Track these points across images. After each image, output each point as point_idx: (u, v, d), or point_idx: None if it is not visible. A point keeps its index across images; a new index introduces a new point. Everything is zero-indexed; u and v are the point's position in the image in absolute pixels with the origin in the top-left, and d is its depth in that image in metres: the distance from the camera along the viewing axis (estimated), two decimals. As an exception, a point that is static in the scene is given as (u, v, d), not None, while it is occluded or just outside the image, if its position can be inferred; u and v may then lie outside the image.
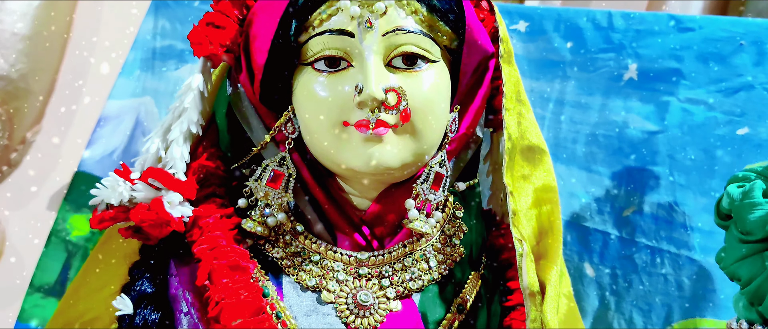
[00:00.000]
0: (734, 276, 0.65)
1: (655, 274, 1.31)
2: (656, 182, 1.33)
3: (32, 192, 1.94)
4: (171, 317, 0.85)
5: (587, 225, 1.36)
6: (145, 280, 0.86)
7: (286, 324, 0.86)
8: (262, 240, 0.90)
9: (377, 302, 0.89)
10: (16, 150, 2.19)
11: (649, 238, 1.32)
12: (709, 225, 1.29)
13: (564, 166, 1.37)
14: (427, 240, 0.93)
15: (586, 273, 1.36)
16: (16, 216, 1.92)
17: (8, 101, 1.89)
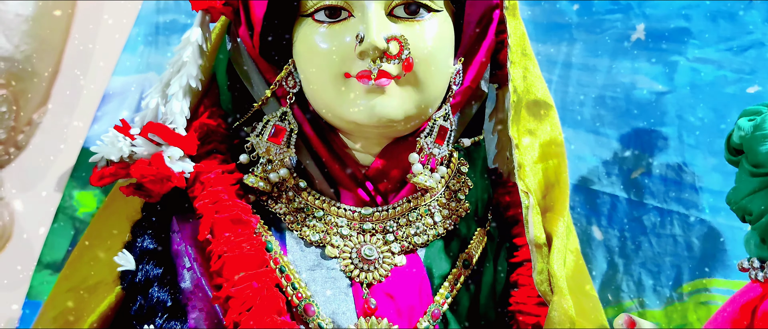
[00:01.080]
0: (745, 211, 0.63)
1: (663, 235, 1.29)
2: (665, 143, 1.31)
3: (40, 174, 1.93)
4: (173, 272, 0.84)
5: (595, 189, 1.35)
6: (146, 236, 0.85)
7: (290, 278, 0.85)
8: (265, 196, 0.89)
9: (382, 256, 0.88)
10: (22, 132, 2.18)
11: (657, 200, 1.31)
12: (719, 185, 1.28)
13: (572, 130, 1.35)
14: (432, 196, 0.91)
15: (594, 236, 1.34)
16: (24, 197, 1.92)
17: (13, 83, 1.88)
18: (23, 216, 1.92)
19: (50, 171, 1.97)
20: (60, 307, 1.07)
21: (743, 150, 0.63)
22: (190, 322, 0.81)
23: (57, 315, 1.07)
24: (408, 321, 0.87)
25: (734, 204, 0.64)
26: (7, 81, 1.88)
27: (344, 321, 0.85)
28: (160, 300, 0.81)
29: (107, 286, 1.01)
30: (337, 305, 0.85)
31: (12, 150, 2.25)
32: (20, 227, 1.90)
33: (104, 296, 1.00)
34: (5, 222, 2.24)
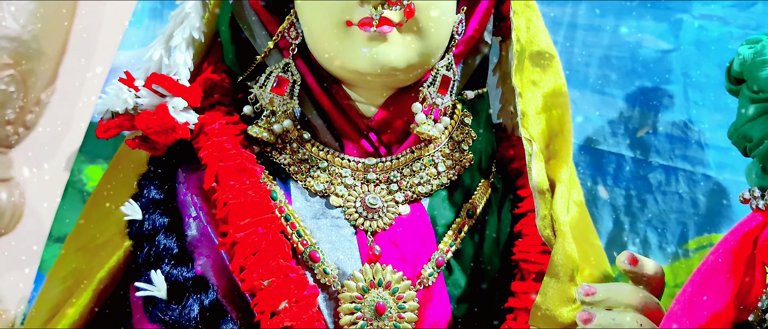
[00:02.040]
0: (746, 138, 0.63)
1: (669, 193, 1.29)
2: (670, 101, 1.31)
3: (50, 153, 1.94)
4: (180, 222, 0.85)
5: (601, 148, 1.35)
6: (152, 187, 0.86)
7: (295, 226, 0.86)
8: (269, 148, 0.90)
9: (386, 205, 0.88)
10: (31, 111, 2.19)
11: (663, 157, 1.31)
12: (725, 141, 1.27)
13: (577, 91, 1.35)
14: (436, 146, 0.92)
15: (600, 196, 1.35)
16: (34, 177, 1.93)
17: (21, 62, 1.89)
18: (34, 196, 1.93)
19: (59, 150, 1.98)
20: (69, 267, 1.08)
21: (744, 77, 0.63)
22: (197, 269, 0.82)
23: (66, 275, 1.08)
24: (412, 268, 0.87)
25: (735, 133, 0.64)
26: (15, 61, 1.88)
27: (349, 268, 0.86)
28: (167, 248, 0.82)
29: (115, 244, 1.02)
30: (342, 252, 0.86)
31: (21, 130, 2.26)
32: (31, 206, 1.92)
33: (113, 252, 1.01)
34: (16, 202, 2.25)
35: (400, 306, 0.85)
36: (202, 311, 0.78)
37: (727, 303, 0.63)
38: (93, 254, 1.05)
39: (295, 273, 0.81)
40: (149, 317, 0.81)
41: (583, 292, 0.70)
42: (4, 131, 2.18)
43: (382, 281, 0.85)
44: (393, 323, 0.85)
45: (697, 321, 0.63)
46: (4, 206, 2.14)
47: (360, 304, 0.84)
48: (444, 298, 0.88)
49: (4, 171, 2.18)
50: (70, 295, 1.04)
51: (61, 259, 1.13)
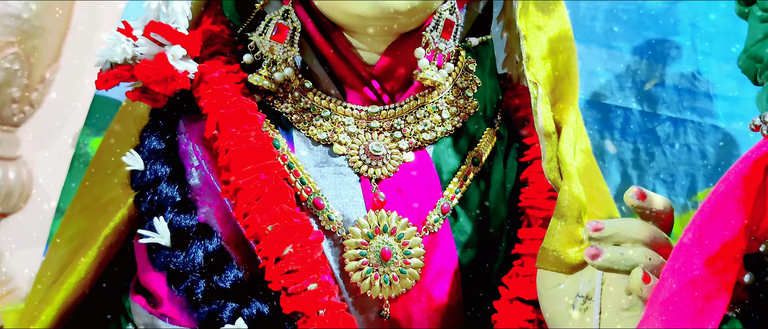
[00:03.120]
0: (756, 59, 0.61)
1: (677, 145, 1.28)
2: (678, 52, 1.29)
3: (56, 132, 1.94)
4: (182, 171, 0.84)
5: (608, 103, 1.34)
6: (154, 137, 0.85)
7: (298, 173, 0.85)
8: (270, 97, 0.89)
9: (390, 153, 0.87)
10: (36, 89, 2.19)
11: (671, 110, 1.29)
12: (734, 91, 1.26)
13: (584, 46, 1.33)
14: (439, 93, 0.90)
15: (608, 150, 1.33)
16: (41, 156, 1.93)
17: (24, 40, 1.88)
18: (41, 174, 1.93)
19: (66, 128, 1.98)
20: (74, 228, 1.08)
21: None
22: (200, 217, 0.81)
23: (72, 236, 1.08)
24: (417, 214, 0.86)
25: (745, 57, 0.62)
26: (18, 39, 1.88)
27: (353, 215, 0.85)
28: (169, 196, 0.81)
29: (120, 201, 1.01)
30: (346, 199, 0.85)
31: (27, 108, 2.26)
32: (39, 185, 1.92)
33: (117, 210, 1.01)
34: (24, 181, 2.26)
35: (406, 252, 0.85)
36: (206, 257, 0.78)
37: (738, 233, 0.62)
38: (98, 214, 1.05)
39: (299, 218, 0.80)
40: (153, 265, 0.80)
41: (591, 228, 0.69)
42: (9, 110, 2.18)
43: (387, 227, 0.84)
44: (399, 268, 0.84)
45: (707, 251, 0.62)
46: (12, 185, 2.14)
47: (365, 250, 0.84)
48: (450, 245, 0.87)
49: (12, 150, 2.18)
50: (76, 256, 1.04)
51: (65, 220, 1.13)
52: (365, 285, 0.83)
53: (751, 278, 0.64)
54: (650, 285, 0.65)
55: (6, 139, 2.18)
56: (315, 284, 0.78)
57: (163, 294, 0.81)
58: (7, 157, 2.14)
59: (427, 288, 0.86)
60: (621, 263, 0.67)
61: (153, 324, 0.80)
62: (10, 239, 1.86)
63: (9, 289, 1.80)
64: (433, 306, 0.87)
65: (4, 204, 2.14)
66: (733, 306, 0.64)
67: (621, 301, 0.72)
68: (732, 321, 0.63)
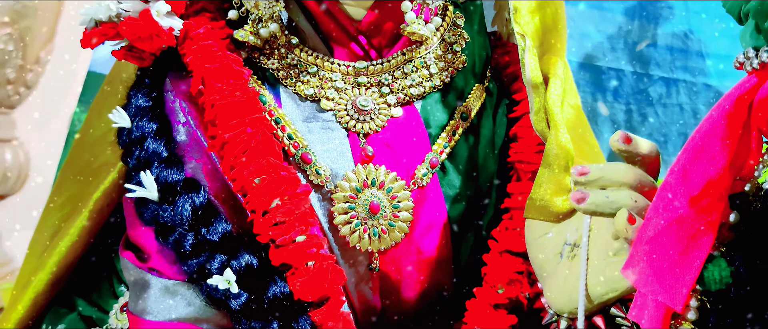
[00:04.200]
0: (739, -6, 0.61)
1: (670, 105, 1.28)
2: (670, 12, 1.29)
3: (52, 113, 1.94)
4: (168, 128, 0.84)
5: (600, 65, 1.33)
6: (140, 95, 0.85)
7: (286, 128, 0.85)
8: (257, 53, 0.88)
9: (377, 107, 0.87)
10: (31, 70, 2.18)
11: (663, 70, 1.29)
12: (726, 49, 1.26)
13: (573, 8, 1.32)
14: (427, 48, 0.90)
15: (600, 112, 1.33)
16: (38, 137, 1.92)
17: (17, 20, 1.87)
18: (39, 155, 1.93)
19: (62, 109, 1.97)
20: (66, 193, 1.08)
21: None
22: (187, 172, 0.81)
23: (63, 201, 1.08)
24: (406, 169, 0.86)
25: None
26: (11, 19, 1.86)
27: (341, 169, 0.85)
28: (156, 152, 0.81)
29: (110, 165, 1.01)
30: (334, 154, 0.85)
31: (22, 89, 2.26)
32: (36, 166, 1.92)
33: (107, 174, 1.01)
34: (21, 162, 2.26)
35: (395, 205, 0.85)
36: (194, 210, 0.78)
37: (723, 170, 0.61)
38: (89, 178, 1.05)
39: (287, 171, 0.80)
40: (141, 219, 0.80)
41: (577, 172, 0.69)
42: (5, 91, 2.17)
43: (376, 181, 0.84)
44: (388, 222, 0.84)
45: (691, 189, 0.62)
46: (10, 166, 2.14)
47: (354, 204, 0.84)
48: (439, 198, 0.87)
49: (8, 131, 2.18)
50: (68, 221, 1.04)
51: (57, 187, 1.13)
52: (354, 238, 0.83)
53: (736, 217, 0.64)
54: (635, 226, 0.65)
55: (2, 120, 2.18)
56: (303, 236, 0.78)
57: (151, 249, 0.81)
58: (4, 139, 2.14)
59: (416, 242, 0.86)
60: (607, 206, 0.67)
61: (142, 279, 0.81)
62: (9, 220, 1.86)
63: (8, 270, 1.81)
64: (422, 259, 0.87)
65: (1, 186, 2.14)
66: (718, 246, 0.64)
67: (608, 247, 0.72)
68: (717, 260, 0.63)
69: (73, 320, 0.97)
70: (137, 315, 0.80)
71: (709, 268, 0.63)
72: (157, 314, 0.78)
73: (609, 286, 0.71)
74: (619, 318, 0.75)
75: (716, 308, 0.64)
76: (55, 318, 0.99)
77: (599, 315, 0.75)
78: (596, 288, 0.72)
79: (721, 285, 0.63)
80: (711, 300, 0.65)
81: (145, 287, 0.80)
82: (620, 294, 0.71)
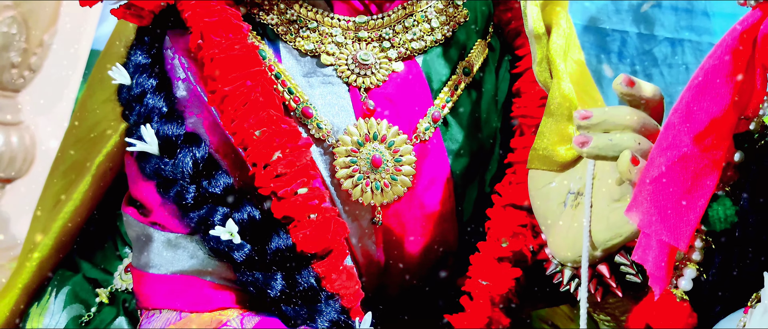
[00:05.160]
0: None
1: (675, 65, 1.27)
2: (675, -30, 1.27)
3: (57, 95, 1.94)
4: (168, 84, 0.83)
5: (604, 27, 1.32)
6: (139, 52, 0.84)
7: (286, 83, 0.84)
8: (256, 9, 0.87)
9: (378, 62, 0.86)
10: (35, 53, 2.18)
11: (668, 30, 1.27)
12: (731, 7, 1.24)
13: (578, -30, 1.31)
14: (428, 2, 0.89)
15: (605, 74, 1.32)
16: (43, 120, 1.92)
17: (21, 3, 1.87)
18: (44, 139, 1.93)
19: (66, 91, 1.97)
20: (68, 161, 1.08)
21: None
22: (188, 127, 0.81)
23: (66, 169, 1.08)
24: (408, 123, 0.86)
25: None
26: (14, 2, 1.86)
27: (343, 123, 0.84)
28: (156, 107, 0.80)
29: (112, 131, 1.01)
30: (335, 108, 0.84)
31: (26, 73, 2.25)
32: (42, 150, 1.92)
33: (110, 138, 1.01)
34: (27, 146, 2.26)
35: (397, 159, 0.84)
36: (195, 164, 0.77)
37: (727, 108, 0.61)
38: (91, 144, 1.05)
39: (287, 124, 0.80)
40: (143, 173, 0.80)
41: (579, 116, 0.68)
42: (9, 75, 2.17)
43: (378, 135, 0.84)
44: (390, 176, 0.84)
45: (695, 128, 0.61)
46: (16, 150, 2.14)
47: (356, 158, 0.83)
48: (441, 153, 0.87)
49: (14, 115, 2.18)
50: (71, 187, 1.04)
51: (60, 154, 1.13)
52: (356, 192, 0.83)
53: (740, 157, 0.64)
54: (639, 167, 0.65)
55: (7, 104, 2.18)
56: (305, 188, 0.78)
57: (153, 203, 0.80)
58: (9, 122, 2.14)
59: (419, 196, 0.86)
60: (610, 149, 0.67)
61: (145, 233, 0.81)
62: (16, 203, 1.87)
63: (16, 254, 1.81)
64: (425, 213, 0.86)
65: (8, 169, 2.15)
66: (723, 185, 0.63)
67: (612, 193, 0.71)
68: (722, 199, 0.63)
69: (77, 282, 0.97)
70: (140, 269, 0.80)
71: (714, 207, 0.63)
72: (160, 267, 0.78)
73: (613, 232, 0.70)
74: (623, 266, 0.75)
75: (721, 248, 0.64)
76: (61, 280, 0.99)
77: (604, 264, 0.75)
78: (600, 234, 0.71)
79: (725, 225, 0.63)
80: (716, 241, 0.64)
81: (147, 241, 0.80)
82: (625, 239, 0.71)
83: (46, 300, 0.98)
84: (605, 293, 0.76)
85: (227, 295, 0.78)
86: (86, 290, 0.96)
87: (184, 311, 0.77)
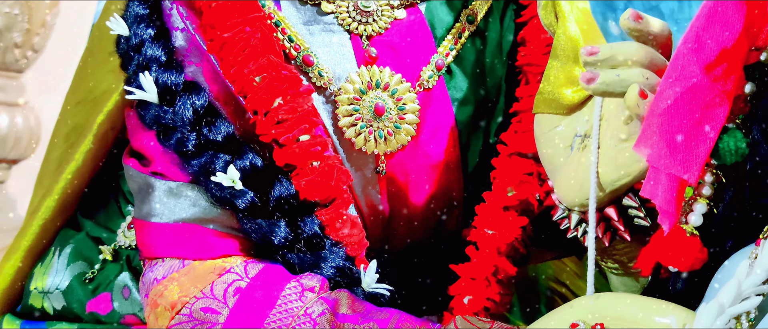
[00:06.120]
0: None
1: (682, 20, 1.25)
2: None
3: (60, 75, 1.93)
4: (167, 35, 0.82)
5: (610, -17, 1.30)
6: (137, 3, 0.83)
7: (286, 31, 0.83)
8: (254, -41, 0.86)
9: (380, 9, 0.84)
10: (38, 34, 2.17)
11: (675, -16, 1.25)
12: (740, -40, 1.22)
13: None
14: None
15: (612, 31, 1.30)
16: (48, 101, 1.92)
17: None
18: (49, 119, 1.92)
19: (70, 71, 1.95)
20: (70, 124, 1.07)
21: None
22: (187, 75, 0.80)
23: (68, 132, 1.07)
24: (411, 70, 0.84)
25: None
26: None
27: (344, 71, 0.83)
28: (154, 56, 0.79)
29: (113, 91, 1.00)
30: (337, 56, 0.83)
31: (30, 53, 2.24)
32: (47, 130, 1.91)
33: (110, 97, 1.00)
34: (32, 126, 2.25)
35: (400, 107, 0.83)
36: (195, 111, 0.76)
37: (737, 38, 0.59)
38: (92, 105, 1.04)
39: (288, 70, 0.79)
40: (143, 123, 0.79)
41: (586, 53, 0.66)
42: (12, 55, 2.15)
43: (380, 83, 0.82)
44: (393, 124, 0.83)
45: (705, 57, 0.59)
46: (21, 131, 2.13)
47: (358, 106, 0.82)
48: (445, 101, 0.85)
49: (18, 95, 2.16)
50: (73, 148, 1.03)
51: (61, 119, 1.12)
52: (360, 140, 0.82)
53: (751, 88, 0.62)
54: (647, 101, 0.63)
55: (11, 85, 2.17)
56: (307, 135, 0.77)
57: (154, 153, 0.80)
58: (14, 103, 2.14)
59: (423, 145, 0.85)
60: (618, 85, 0.65)
61: (146, 183, 0.80)
62: (23, 184, 1.86)
63: (25, 234, 1.81)
64: (429, 163, 0.85)
65: (14, 150, 2.14)
66: (734, 117, 0.62)
67: (619, 133, 0.70)
68: (732, 131, 0.61)
69: (81, 240, 0.97)
70: (142, 219, 0.79)
71: (724, 139, 0.61)
72: (161, 216, 0.77)
73: (621, 171, 0.69)
74: (631, 209, 0.74)
75: (732, 182, 0.62)
76: (64, 239, 0.98)
77: (612, 206, 0.73)
78: (608, 174, 0.70)
79: (736, 157, 0.61)
80: (726, 175, 0.63)
81: (149, 191, 0.79)
82: (633, 179, 0.70)
83: (49, 259, 0.98)
84: (613, 238, 0.75)
85: (230, 243, 0.77)
86: (90, 248, 0.96)
87: (187, 259, 0.76)
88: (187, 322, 0.72)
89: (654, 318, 0.58)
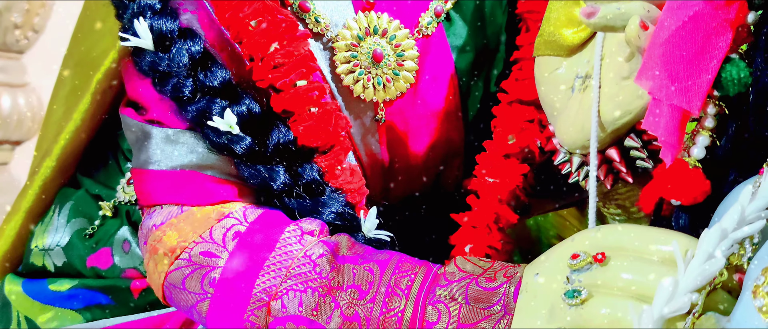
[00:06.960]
0: None
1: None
2: None
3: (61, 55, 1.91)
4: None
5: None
6: None
7: None
8: None
9: (377, -46, 0.83)
10: (38, 14, 2.15)
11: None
12: None
13: None
14: None
15: None
16: (49, 82, 1.90)
17: None
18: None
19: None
20: (68, 87, 1.07)
21: None
22: (182, 23, 0.79)
23: (67, 94, 1.07)
24: (409, 16, 0.83)
25: None
26: None
27: (341, 18, 0.82)
28: (149, 4, 0.78)
29: (109, 50, 0.99)
30: (334, 2, 0.82)
31: (30, 34, 2.23)
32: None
33: (107, 55, 0.99)
34: (34, 108, 2.24)
35: (399, 53, 0.82)
36: (191, 57, 0.75)
37: (740, -37, 0.58)
38: (89, 66, 1.03)
39: (284, 15, 0.78)
40: (139, 70, 0.78)
41: (586, -13, 0.65)
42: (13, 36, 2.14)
43: (378, 29, 0.81)
44: (392, 71, 0.82)
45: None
46: (23, 112, 2.12)
47: (356, 52, 0.81)
48: (445, 48, 0.84)
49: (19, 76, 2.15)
50: (71, 110, 1.03)
51: (58, 83, 1.12)
52: (358, 87, 0.81)
53: (755, 17, 0.61)
54: (648, 33, 0.62)
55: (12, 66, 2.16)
56: (304, 80, 0.76)
57: (151, 101, 0.79)
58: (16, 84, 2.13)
59: (422, 93, 0.84)
60: (618, 18, 0.64)
61: (143, 131, 0.79)
62: (26, 165, 1.86)
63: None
64: (429, 110, 0.84)
65: (16, 131, 2.14)
66: (736, 47, 0.61)
67: (621, 71, 0.69)
68: (735, 61, 0.60)
69: (80, 197, 0.96)
70: (140, 168, 0.79)
71: (727, 69, 0.60)
72: (159, 162, 0.77)
73: (623, 108, 0.68)
74: (633, 151, 0.73)
75: (735, 113, 0.61)
76: (63, 197, 0.98)
77: (613, 148, 0.73)
78: (609, 113, 0.69)
79: (739, 87, 0.60)
80: (729, 106, 0.62)
81: (146, 139, 0.78)
82: (635, 117, 0.69)
83: (49, 217, 0.97)
84: (615, 181, 0.74)
85: (229, 189, 0.76)
86: (89, 204, 0.96)
87: (186, 205, 0.75)
88: (187, 266, 0.71)
89: (656, 246, 0.58)
